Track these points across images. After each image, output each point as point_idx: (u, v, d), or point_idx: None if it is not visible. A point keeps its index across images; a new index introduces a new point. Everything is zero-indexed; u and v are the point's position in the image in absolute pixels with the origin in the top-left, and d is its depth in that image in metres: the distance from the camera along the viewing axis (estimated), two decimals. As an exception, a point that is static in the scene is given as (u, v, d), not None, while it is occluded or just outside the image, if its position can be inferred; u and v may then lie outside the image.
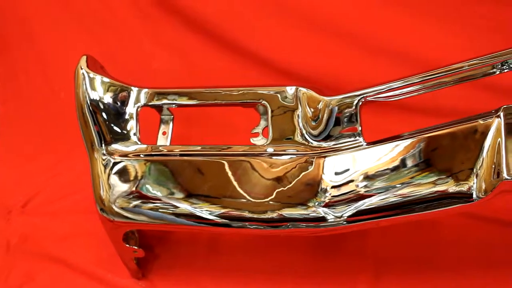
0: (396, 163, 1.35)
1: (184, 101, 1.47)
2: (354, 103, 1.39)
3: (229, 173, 1.42)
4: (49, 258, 1.67)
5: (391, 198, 1.34)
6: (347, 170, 1.37)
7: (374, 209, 1.35)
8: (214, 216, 1.40)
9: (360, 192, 1.36)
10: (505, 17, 1.75)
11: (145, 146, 1.45)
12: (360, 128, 1.40)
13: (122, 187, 1.43)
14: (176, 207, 1.41)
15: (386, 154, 1.36)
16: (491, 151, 1.27)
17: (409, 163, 1.34)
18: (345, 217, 1.36)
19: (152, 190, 1.42)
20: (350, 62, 1.83)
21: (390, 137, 1.38)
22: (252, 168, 1.41)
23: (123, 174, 1.44)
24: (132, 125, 1.46)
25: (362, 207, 1.36)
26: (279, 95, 1.42)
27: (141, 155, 1.44)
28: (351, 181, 1.37)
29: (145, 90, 1.48)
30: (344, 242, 1.62)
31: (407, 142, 1.35)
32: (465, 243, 1.60)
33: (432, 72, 1.36)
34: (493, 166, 1.26)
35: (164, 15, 1.91)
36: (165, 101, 1.47)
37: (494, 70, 1.34)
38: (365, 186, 1.36)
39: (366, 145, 1.39)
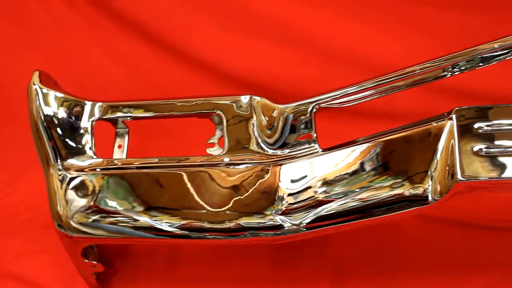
0: (353, 168, 1.36)
1: (139, 113, 1.47)
2: (309, 110, 1.40)
3: (188, 184, 1.41)
4: (7, 276, 1.65)
5: (350, 203, 1.35)
6: (304, 177, 1.38)
7: (334, 214, 1.36)
8: (174, 228, 1.40)
9: (318, 198, 1.37)
10: (453, 21, 1.78)
11: (101, 160, 1.44)
12: (315, 135, 1.40)
13: (79, 202, 1.42)
14: (136, 220, 1.41)
15: (343, 160, 1.37)
16: (444, 153, 1.28)
17: (366, 167, 1.35)
18: (304, 224, 1.36)
19: (110, 204, 1.42)
20: (304, 69, 1.84)
21: (345, 143, 1.39)
22: (210, 178, 1.41)
23: (80, 189, 1.42)
24: (87, 140, 1.46)
25: (322, 213, 1.36)
26: (233, 105, 1.42)
27: (98, 169, 1.44)
28: (309, 187, 1.37)
29: (99, 104, 1.47)
30: (304, 248, 1.63)
31: (363, 147, 1.36)
32: (424, 245, 1.61)
33: (385, 77, 1.37)
34: (447, 167, 1.27)
35: (116, 28, 1.90)
36: (119, 114, 1.47)
37: (445, 73, 1.36)
38: (324, 192, 1.37)
39: (321, 151, 1.39)
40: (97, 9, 1.90)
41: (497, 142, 1.27)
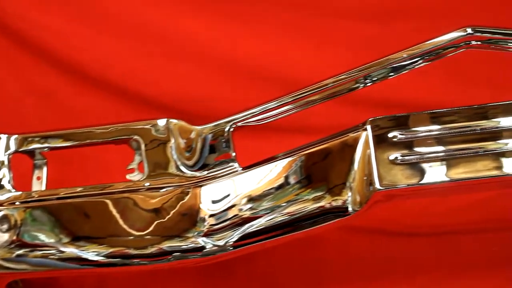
0: (277, 183, 1.37)
1: (56, 143, 1.45)
2: (226, 129, 1.40)
3: (113, 212, 1.40)
4: None
5: (278, 217, 1.35)
6: (227, 196, 1.38)
7: (262, 230, 1.36)
8: (101, 256, 1.38)
9: (245, 216, 1.37)
10: (366, 33, 1.81)
11: (19, 193, 1.42)
12: (234, 154, 1.41)
13: (1, 237, 1.39)
14: (62, 251, 1.38)
15: (266, 176, 1.38)
16: (361, 163, 1.30)
17: (290, 181, 1.36)
18: (231, 242, 1.36)
19: (34, 236, 1.39)
20: (220, 88, 1.84)
21: (265, 160, 1.40)
22: (134, 204, 1.40)
23: (0, 224, 1.40)
24: (4, 173, 1.43)
25: (249, 230, 1.36)
26: (150, 129, 1.42)
27: (17, 203, 1.41)
28: (233, 206, 1.37)
29: (15, 136, 1.45)
30: (232, 267, 1.63)
31: (284, 162, 1.37)
32: (350, 256, 1.63)
33: (300, 91, 1.38)
34: (365, 178, 1.29)
35: (28, 58, 1.88)
36: (36, 145, 1.45)
37: (358, 84, 1.38)
38: (250, 209, 1.37)
39: (241, 170, 1.40)
40: (10, 41, 1.88)
41: (412, 150, 1.29)
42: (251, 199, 1.37)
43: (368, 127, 1.30)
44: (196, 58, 1.85)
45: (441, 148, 1.30)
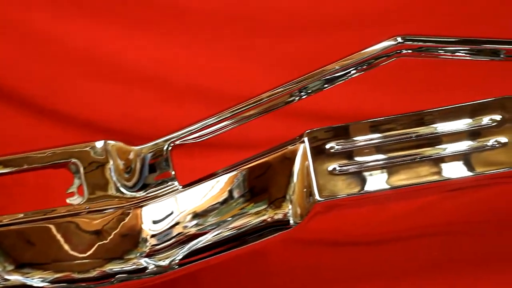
0: (217, 200, 1.37)
1: (-6, 171, 1.44)
2: (164, 148, 1.40)
3: (56, 236, 1.38)
4: None
5: (225, 232, 1.35)
6: (169, 215, 1.37)
7: (209, 246, 1.36)
8: (47, 282, 1.36)
9: (190, 233, 1.36)
10: (298, 46, 1.83)
11: (-42, 223, 1.41)
12: (173, 173, 1.40)
13: None
14: (7, 279, 1.36)
15: (207, 193, 1.37)
16: (301, 175, 1.31)
17: (230, 197, 1.36)
18: (177, 261, 1.36)
19: (-24, 266, 1.38)
20: (156, 107, 1.84)
21: (205, 176, 1.40)
22: (76, 227, 1.38)
23: None
24: None
25: (196, 247, 1.36)
26: (88, 151, 1.41)
27: (-45, 233, 1.40)
28: (177, 224, 1.37)
29: (-49, 166, 1.44)
30: (177, 285, 1.62)
31: (225, 178, 1.37)
32: (294, 269, 1.63)
33: (237, 107, 1.38)
34: (305, 190, 1.30)
35: None
36: (-27, 174, 1.43)
37: (293, 97, 1.39)
38: (195, 225, 1.36)
39: (181, 188, 1.39)
40: None
41: (350, 159, 1.30)
42: (195, 216, 1.37)
43: (305, 139, 1.31)
44: (129, 78, 1.85)
45: (380, 156, 1.31)
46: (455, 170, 1.30)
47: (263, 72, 1.83)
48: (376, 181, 1.30)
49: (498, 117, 1.30)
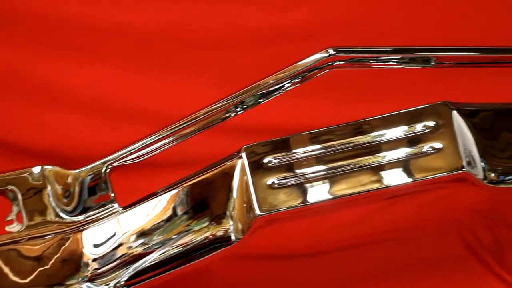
0: (160, 219, 1.36)
1: None
2: (103, 170, 1.39)
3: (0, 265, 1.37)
4: None
5: (171, 250, 1.35)
6: (112, 237, 1.36)
7: (156, 265, 1.35)
8: (-11, 313, 1.35)
9: (135, 253, 1.35)
10: (227, 62, 1.84)
11: None
12: (113, 195, 1.39)
13: None
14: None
15: (150, 212, 1.37)
16: (240, 191, 1.31)
17: (172, 216, 1.36)
18: (123, 282, 1.35)
19: None
20: (93, 130, 1.83)
21: (145, 197, 1.39)
22: (18, 255, 1.37)
23: None
24: None
25: (143, 266, 1.35)
26: (26, 178, 1.39)
27: None
28: (121, 245, 1.36)
29: None
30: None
31: (166, 196, 1.36)
32: (239, 285, 1.63)
33: (174, 125, 1.38)
34: (245, 205, 1.30)
35: None
36: None
37: (229, 113, 1.39)
38: (139, 245, 1.36)
39: (122, 210, 1.39)
40: None
41: (290, 172, 1.31)
42: (139, 235, 1.36)
43: (243, 154, 1.31)
44: (63, 102, 1.84)
45: (319, 167, 1.32)
46: (394, 178, 1.31)
47: (197, 89, 1.83)
48: (317, 192, 1.31)
49: (432, 123, 1.32)
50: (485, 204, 1.74)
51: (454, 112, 1.32)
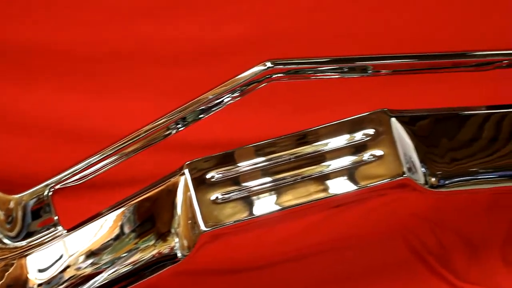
0: (107, 238, 1.35)
1: None
2: (45, 193, 1.38)
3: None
4: None
5: (121, 269, 1.34)
6: (58, 260, 1.35)
7: (106, 284, 1.34)
8: None
9: (84, 274, 1.34)
10: (171, 78, 1.84)
11: None
12: (56, 218, 1.38)
13: None
14: None
15: (96, 233, 1.36)
16: (184, 208, 1.31)
17: (122, 233, 1.35)
18: (73, 305, 1.34)
19: None
20: (36, 152, 1.82)
21: (90, 218, 1.38)
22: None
23: None
24: None
25: (93, 286, 1.34)
26: None
27: None
28: (68, 267, 1.35)
29: None
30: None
31: (113, 215, 1.36)
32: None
33: (115, 145, 1.37)
34: (190, 221, 1.30)
35: None
36: None
37: (170, 130, 1.39)
38: (90, 265, 1.35)
39: (66, 232, 1.37)
40: None
41: (234, 186, 1.31)
42: (88, 256, 1.35)
43: (186, 171, 1.31)
44: (2, 126, 1.82)
45: (264, 179, 1.32)
46: (338, 186, 1.32)
47: (141, 107, 1.82)
48: (262, 205, 1.32)
49: (371, 131, 1.33)
50: (428, 208, 1.77)
51: (393, 119, 1.34)
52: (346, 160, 1.33)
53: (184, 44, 1.86)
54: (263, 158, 1.33)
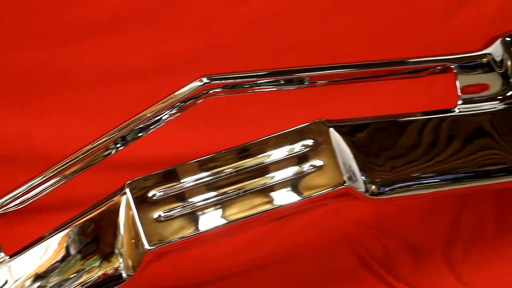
0: (53, 260, 1.34)
1: None
2: (-17, 219, 1.36)
3: None
4: None
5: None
6: (1, 286, 1.33)
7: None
8: None
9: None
10: (111, 97, 1.84)
11: None
12: (-3, 244, 1.37)
13: None
14: None
15: (42, 256, 1.35)
16: (127, 227, 1.30)
17: (68, 254, 1.34)
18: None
19: None
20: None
21: (32, 242, 1.36)
22: None
23: None
24: None
25: None
26: None
27: None
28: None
29: None
30: None
31: (57, 238, 1.34)
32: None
33: (53, 168, 1.36)
34: (133, 241, 1.29)
35: None
36: None
37: (110, 150, 1.38)
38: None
39: (9, 258, 1.35)
40: None
41: (176, 203, 1.31)
42: (36, 279, 1.34)
43: (127, 190, 1.30)
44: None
45: (206, 195, 1.32)
46: (281, 198, 1.33)
47: (81, 129, 1.81)
48: (207, 220, 1.32)
49: (310, 142, 1.34)
50: (371, 216, 1.78)
51: (331, 129, 1.35)
52: (288, 172, 1.34)
53: (122, 62, 1.85)
54: (205, 173, 1.33)
